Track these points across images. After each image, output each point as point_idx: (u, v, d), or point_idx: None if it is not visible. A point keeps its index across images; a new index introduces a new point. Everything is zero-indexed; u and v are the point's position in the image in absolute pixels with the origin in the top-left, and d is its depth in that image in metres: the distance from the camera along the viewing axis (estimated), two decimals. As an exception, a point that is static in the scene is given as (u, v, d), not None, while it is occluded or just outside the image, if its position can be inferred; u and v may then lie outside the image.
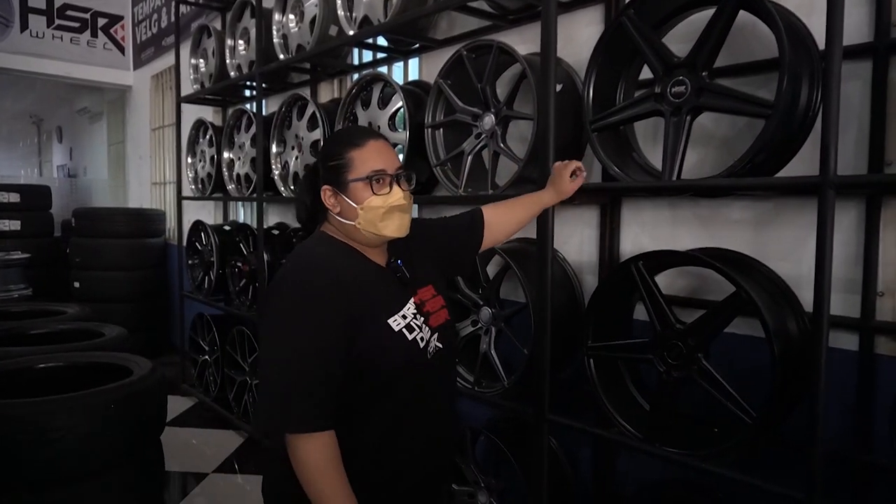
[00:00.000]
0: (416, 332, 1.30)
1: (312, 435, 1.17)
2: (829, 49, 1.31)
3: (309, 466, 1.17)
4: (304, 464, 1.17)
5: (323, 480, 1.17)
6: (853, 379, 1.67)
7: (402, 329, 1.27)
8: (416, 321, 1.31)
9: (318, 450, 1.18)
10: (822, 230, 1.35)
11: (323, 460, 1.18)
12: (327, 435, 1.19)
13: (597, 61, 1.83)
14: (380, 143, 1.33)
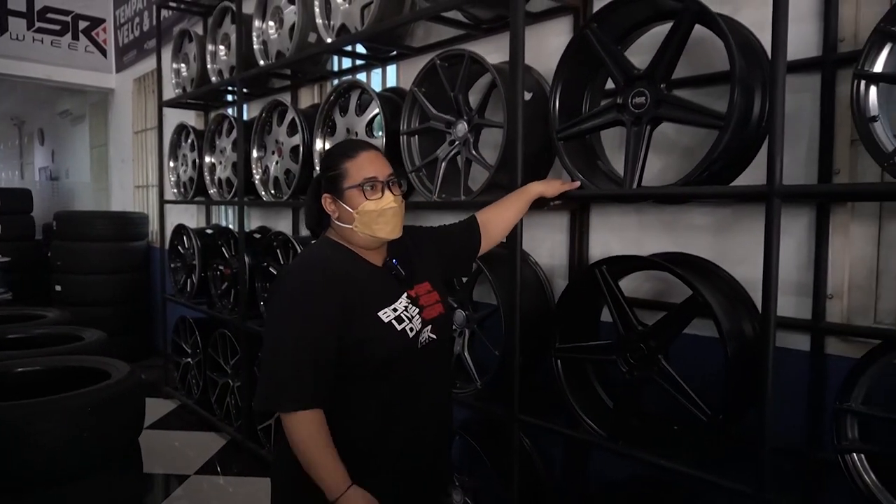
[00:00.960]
0: (406, 324, 1.42)
1: (302, 412, 1.31)
2: (774, 64, 1.38)
3: (299, 440, 1.32)
4: (296, 438, 1.32)
5: (312, 451, 1.32)
6: (805, 378, 1.74)
7: (391, 320, 1.40)
8: (406, 313, 1.44)
9: (306, 425, 1.32)
10: (768, 236, 1.42)
11: (311, 434, 1.32)
12: (315, 412, 1.33)
13: (562, 73, 1.89)
14: (371, 153, 1.47)
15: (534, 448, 2.36)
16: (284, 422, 1.33)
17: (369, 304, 1.40)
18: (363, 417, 1.40)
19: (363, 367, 1.39)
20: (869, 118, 1.37)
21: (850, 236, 1.70)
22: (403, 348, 1.41)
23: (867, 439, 1.43)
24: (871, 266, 1.70)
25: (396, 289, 1.47)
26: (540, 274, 2.33)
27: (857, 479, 1.39)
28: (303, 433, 1.32)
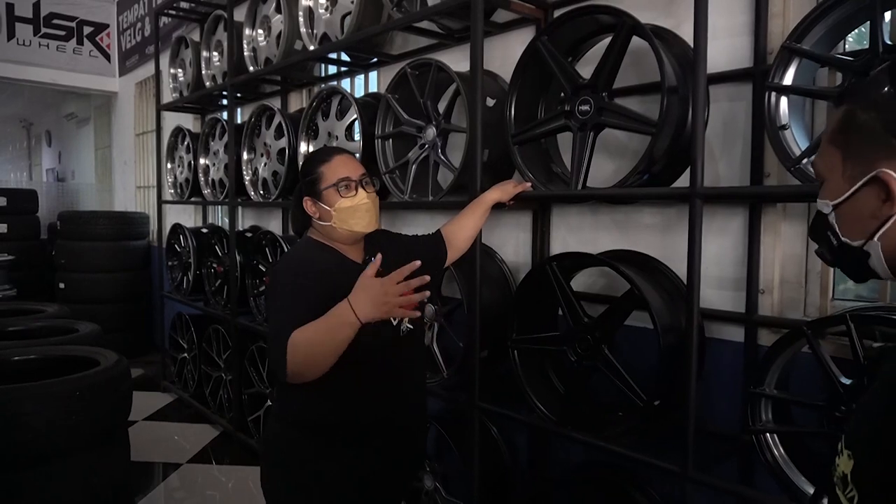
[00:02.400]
0: None
1: None
2: (694, 75, 1.51)
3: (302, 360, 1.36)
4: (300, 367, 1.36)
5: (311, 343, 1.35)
6: (740, 367, 1.86)
7: None
8: None
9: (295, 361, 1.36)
10: (692, 234, 1.55)
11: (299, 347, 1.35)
12: None
13: (517, 82, 2.02)
14: (344, 156, 1.63)
15: (500, 435, 2.49)
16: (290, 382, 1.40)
17: None
18: (347, 398, 1.53)
19: (350, 352, 1.47)
20: (780, 126, 1.50)
21: (780, 235, 1.82)
22: (387, 336, 1.56)
23: (780, 420, 1.55)
24: (800, 263, 1.82)
25: None
26: (505, 270, 2.46)
27: (767, 453, 1.52)
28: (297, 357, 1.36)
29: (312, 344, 1.36)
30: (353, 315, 1.34)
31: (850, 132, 0.70)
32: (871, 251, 0.71)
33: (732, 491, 1.60)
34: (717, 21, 1.86)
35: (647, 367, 1.79)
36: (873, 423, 0.63)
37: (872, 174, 0.68)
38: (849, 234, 0.73)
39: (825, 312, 1.77)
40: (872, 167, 0.68)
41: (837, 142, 0.72)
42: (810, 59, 1.46)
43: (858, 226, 0.72)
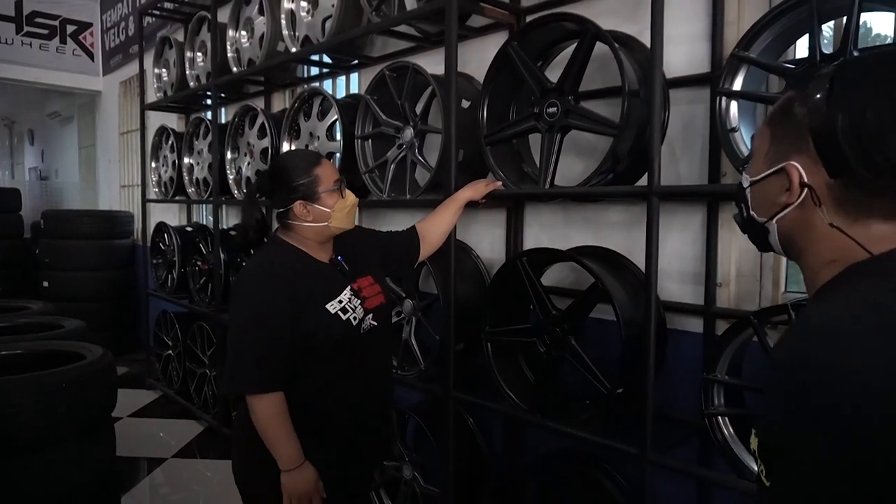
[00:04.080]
0: (350, 314, 1.64)
1: (262, 395, 1.53)
2: (650, 80, 1.60)
3: (264, 417, 1.54)
4: (260, 415, 1.54)
5: (272, 428, 1.54)
6: (699, 357, 1.97)
7: (337, 311, 1.62)
8: (350, 304, 1.66)
9: (268, 406, 1.53)
10: (649, 230, 1.64)
11: (272, 414, 1.54)
12: (277, 394, 1.54)
13: (489, 85, 2.11)
14: (326, 159, 1.71)
15: (476, 425, 2.58)
16: (250, 402, 1.55)
17: (318, 298, 1.60)
18: (317, 388, 1.62)
19: (315, 351, 1.61)
20: (730, 129, 1.60)
21: (736, 231, 1.91)
22: (348, 335, 1.63)
23: (733, 404, 1.65)
24: (755, 258, 1.93)
25: (341, 282, 1.68)
26: (480, 265, 2.55)
27: (718, 433, 1.62)
28: (267, 412, 1.53)
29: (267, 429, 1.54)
30: (286, 468, 1.55)
31: (781, 120, 0.76)
32: (770, 229, 0.79)
33: (687, 471, 1.70)
34: (677, 28, 1.96)
35: (613, 357, 1.88)
36: (764, 403, 0.69)
37: (781, 165, 0.75)
38: (756, 210, 0.80)
39: (777, 303, 1.87)
40: (787, 158, 0.75)
41: (771, 125, 0.78)
42: (756, 66, 1.56)
43: (764, 206, 0.78)
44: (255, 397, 1.54)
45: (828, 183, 0.72)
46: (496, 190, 2.03)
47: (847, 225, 0.72)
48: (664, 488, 2.02)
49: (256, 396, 1.54)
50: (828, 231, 0.73)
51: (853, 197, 0.71)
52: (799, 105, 0.74)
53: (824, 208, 0.72)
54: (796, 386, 0.62)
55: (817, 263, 0.75)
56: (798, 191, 0.74)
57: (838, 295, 0.69)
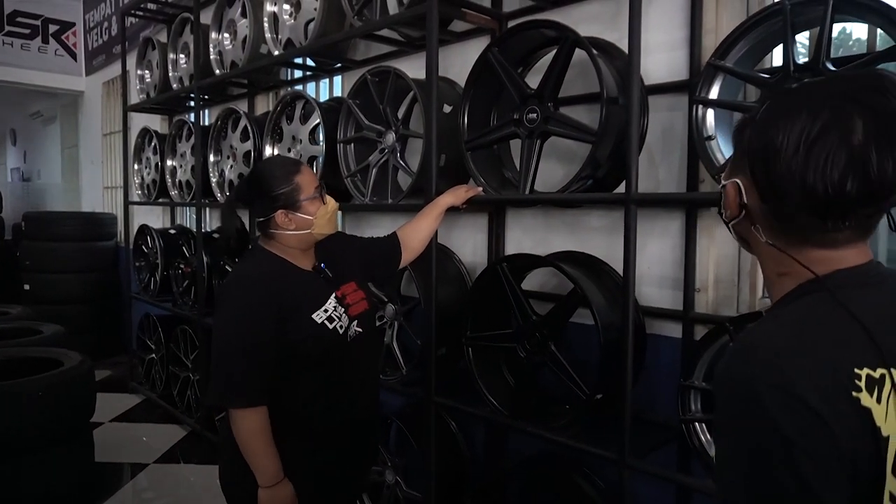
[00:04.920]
0: (336, 322, 1.64)
1: (246, 409, 1.52)
2: (628, 88, 1.61)
3: (246, 431, 1.53)
4: (242, 430, 1.53)
5: (253, 444, 1.53)
6: (678, 361, 1.98)
7: (323, 321, 1.62)
8: (336, 312, 1.66)
9: (251, 421, 1.53)
10: (627, 237, 1.65)
11: (254, 429, 1.53)
12: (259, 409, 1.53)
13: (470, 91, 2.11)
14: (306, 166, 1.69)
15: (458, 429, 2.58)
16: (233, 415, 1.54)
17: (304, 308, 1.60)
18: (303, 397, 1.62)
19: (302, 361, 1.60)
20: (706, 137, 1.61)
21: (714, 237, 1.94)
22: (335, 344, 1.64)
23: (709, 410, 1.67)
24: (732, 263, 1.94)
25: (325, 290, 1.68)
26: (463, 270, 2.55)
27: (695, 439, 1.63)
28: (249, 427, 1.53)
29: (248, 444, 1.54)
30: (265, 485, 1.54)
31: (737, 137, 0.80)
32: (731, 229, 0.85)
33: (664, 476, 1.71)
34: (657, 35, 1.98)
35: (593, 362, 1.89)
36: None
37: (727, 182, 0.80)
38: (724, 209, 0.84)
39: (754, 309, 1.89)
40: (736, 174, 0.79)
41: (734, 139, 0.82)
42: (731, 75, 1.58)
43: (727, 208, 0.83)
44: (239, 411, 1.53)
45: (761, 206, 0.76)
46: (476, 195, 2.04)
47: (785, 246, 0.76)
48: (644, 492, 2.03)
49: (240, 410, 1.53)
50: (768, 247, 0.77)
51: (783, 222, 0.75)
52: (749, 128, 0.77)
53: (759, 228, 0.77)
54: (719, 398, 0.71)
55: (771, 273, 0.80)
56: (737, 209, 0.79)
57: (773, 315, 0.76)
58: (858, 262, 0.74)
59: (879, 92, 0.67)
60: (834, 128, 0.67)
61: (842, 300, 0.69)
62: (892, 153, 0.66)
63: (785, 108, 0.71)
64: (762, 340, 0.70)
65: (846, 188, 0.67)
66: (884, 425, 0.65)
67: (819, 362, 0.66)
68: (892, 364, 0.67)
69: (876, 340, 0.67)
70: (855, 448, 0.63)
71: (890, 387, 0.66)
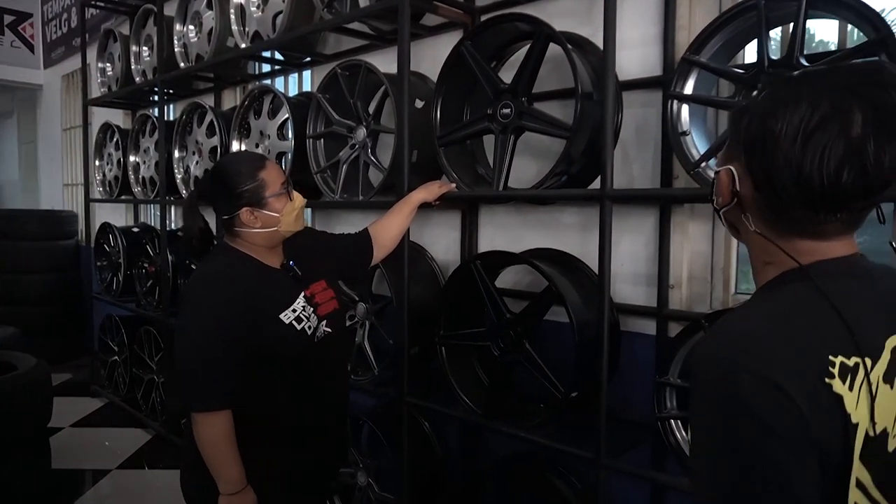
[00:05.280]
0: (305, 322, 1.59)
1: (210, 413, 1.46)
2: (603, 84, 1.59)
3: (209, 436, 1.47)
4: (205, 434, 1.47)
5: (216, 450, 1.47)
6: (652, 358, 1.97)
7: (291, 321, 1.56)
8: (304, 313, 1.60)
9: (213, 425, 1.47)
10: (602, 233, 1.63)
11: (217, 434, 1.47)
12: (223, 414, 1.47)
13: (443, 85, 2.07)
14: (271, 161, 1.62)
15: (432, 430, 2.55)
16: (195, 419, 1.48)
17: (272, 308, 1.55)
18: (269, 400, 1.57)
19: (269, 362, 1.55)
20: (681, 132, 1.60)
21: (688, 234, 1.93)
22: (303, 345, 1.58)
23: (685, 407, 1.66)
24: (706, 260, 1.95)
25: (294, 289, 1.62)
26: (435, 268, 2.51)
27: (671, 437, 1.62)
28: (212, 431, 1.47)
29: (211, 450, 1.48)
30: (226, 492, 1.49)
31: (733, 124, 0.79)
32: (721, 216, 0.84)
33: (640, 475, 1.70)
34: (630, 31, 1.96)
35: (568, 360, 1.87)
36: None
37: (722, 168, 0.79)
38: (716, 196, 0.83)
39: (727, 305, 1.89)
40: (730, 161, 0.78)
41: (729, 125, 0.82)
42: (706, 70, 1.57)
43: (718, 196, 0.82)
44: (202, 415, 1.47)
45: (754, 195, 0.75)
46: (449, 192, 2.00)
47: (773, 236, 0.76)
48: (619, 490, 2.02)
49: (203, 414, 1.47)
50: (756, 236, 0.77)
51: (775, 212, 0.74)
52: (746, 117, 0.76)
53: (749, 216, 0.77)
54: (694, 380, 0.72)
55: (757, 262, 0.80)
56: (728, 197, 0.78)
57: (754, 301, 0.77)
58: (844, 253, 0.75)
59: (880, 86, 0.67)
60: (833, 119, 0.67)
61: (823, 289, 0.70)
62: (889, 147, 0.67)
63: (784, 97, 0.70)
64: (740, 324, 0.72)
65: (842, 180, 0.67)
66: (854, 412, 0.66)
67: (794, 348, 0.67)
68: (867, 354, 0.68)
69: (852, 329, 0.68)
70: (824, 433, 0.65)
71: (863, 376, 0.67)
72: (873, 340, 0.70)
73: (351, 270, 1.96)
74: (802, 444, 0.64)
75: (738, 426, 0.66)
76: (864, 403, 0.67)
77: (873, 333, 0.70)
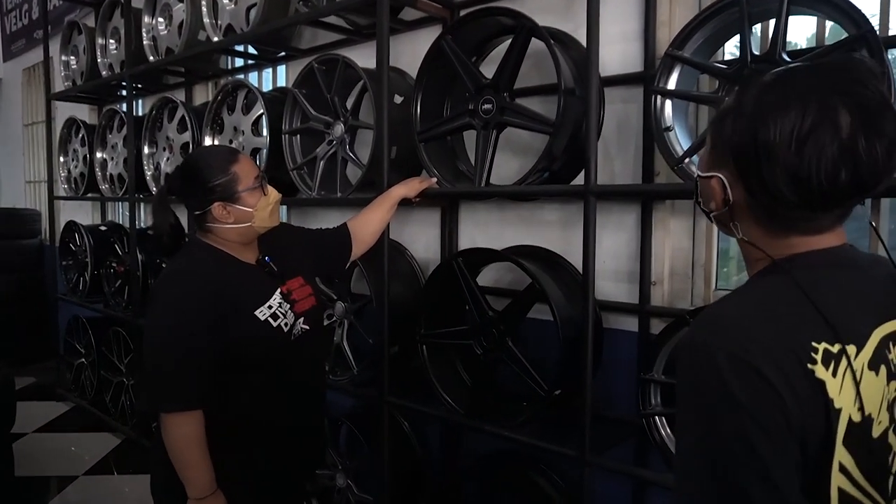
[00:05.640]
0: (281, 319, 1.54)
1: (180, 414, 1.41)
2: (587, 79, 1.58)
3: (178, 438, 1.42)
4: (174, 436, 1.42)
5: (190, 450, 1.42)
6: (634, 355, 1.97)
7: (267, 318, 1.51)
8: (280, 309, 1.55)
9: (183, 426, 1.42)
10: (586, 230, 1.62)
11: (187, 435, 1.42)
12: (193, 414, 1.42)
13: (422, 80, 2.04)
14: (244, 154, 1.58)
15: (412, 429, 2.51)
16: (164, 421, 1.43)
17: (246, 304, 1.50)
18: (243, 400, 1.51)
19: (243, 361, 1.50)
20: (664, 128, 1.59)
21: (669, 230, 1.93)
22: (278, 343, 1.53)
23: (669, 403, 1.66)
24: (687, 256, 1.95)
25: (270, 285, 1.57)
26: (415, 266, 2.48)
27: (656, 433, 1.62)
28: (182, 433, 1.42)
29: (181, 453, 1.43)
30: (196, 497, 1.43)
31: (717, 128, 0.78)
32: (712, 218, 0.84)
33: (626, 472, 1.69)
34: (611, 27, 1.95)
35: (552, 358, 1.86)
36: None
37: (713, 174, 0.78)
38: (706, 202, 0.83)
39: (709, 301, 1.90)
40: (718, 167, 0.78)
41: (711, 129, 0.80)
42: (690, 65, 1.57)
43: (705, 200, 0.83)
44: (171, 416, 1.42)
45: (746, 200, 0.76)
46: (431, 188, 1.97)
47: (766, 235, 0.77)
48: (602, 488, 2.01)
49: (172, 415, 1.42)
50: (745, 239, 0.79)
51: (769, 214, 0.75)
52: (729, 119, 0.75)
53: (738, 225, 0.79)
54: (679, 365, 0.73)
55: (750, 258, 0.82)
56: (721, 205, 0.78)
57: (740, 290, 0.78)
58: (834, 244, 0.76)
59: (860, 83, 0.68)
60: (823, 123, 0.67)
61: (805, 280, 0.71)
62: (879, 142, 0.68)
63: (771, 102, 0.70)
64: (725, 312, 0.73)
65: (839, 180, 0.68)
66: (837, 398, 0.67)
67: (776, 333, 0.68)
68: (851, 341, 0.69)
69: (827, 318, 0.69)
70: (805, 417, 0.66)
71: (846, 362, 0.68)
72: (856, 328, 0.71)
73: (329, 266, 1.92)
74: (780, 427, 0.65)
75: (717, 408, 0.67)
76: (849, 389, 0.68)
77: (857, 321, 0.72)
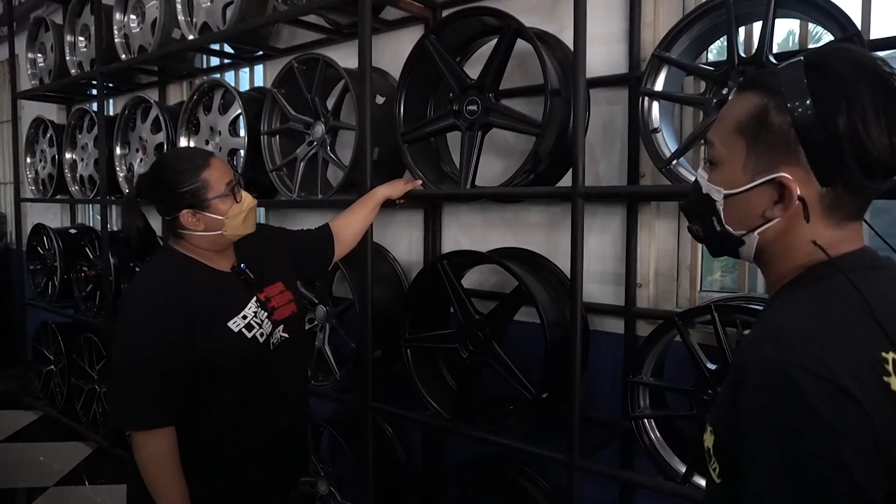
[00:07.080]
0: (257, 329, 1.47)
1: (151, 431, 1.35)
2: (574, 80, 1.56)
3: (150, 456, 1.36)
4: (146, 454, 1.36)
5: (157, 471, 1.36)
6: (621, 357, 1.97)
7: (241, 329, 1.45)
8: (256, 319, 1.48)
9: (158, 443, 1.36)
10: (574, 231, 1.60)
11: (158, 454, 1.36)
12: (164, 431, 1.36)
13: (406, 81, 2.01)
14: (218, 159, 1.49)
15: (395, 434, 2.48)
16: (135, 438, 1.36)
17: (218, 315, 1.44)
18: (219, 413, 1.45)
19: (217, 373, 1.43)
20: (652, 129, 1.59)
21: (654, 232, 1.93)
22: (255, 353, 1.47)
23: (656, 406, 1.65)
24: (672, 257, 1.95)
25: (245, 294, 1.51)
26: (398, 269, 2.45)
27: (645, 437, 1.61)
28: (153, 451, 1.36)
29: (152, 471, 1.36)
30: None
31: (761, 128, 0.72)
32: (748, 241, 0.77)
33: (616, 476, 1.68)
34: (596, 28, 1.94)
35: (538, 361, 1.84)
36: (724, 401, 0.71)
37: (775, 176, 0.71)
38: (732, 224, 0.77)
39: (694, 303, 1.90)
40: (775, 169, 0.72)
41: (746, 133, 0.73)
42: (677, 67, 1.56)
43: (746, 219, 0.76)
44: (141, 434, 1.35)
45: (819, 193, 0.71)
46: (415, 189, 1.94)
47: (828, 228, 0.72)
48: (587, 490, 2.01)
49: (142, 433, 1.35)
50: (806, 244, 0.73)
51: (840, 202, 0.71)
52: (777, 113, 0.70)
53: (811, 224, 0.72)
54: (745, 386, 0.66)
55: (788, 270, 0.75)
56: (793, 205, 0.72)
57: (790, 299, 0.72)
58: (858, 244, 0.74)
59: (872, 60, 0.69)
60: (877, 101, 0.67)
61: (857, 285, 0.68)
62: None
63: (827, 96, 0.68)
64: (788, 325, 0.67)
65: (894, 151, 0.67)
66: None
67: (848, 347, 0.64)
68: None
69: (884, 326, 0.65)
70: (888, 434, 0.62)
71: None
72: None
73: (311, 269, 1.86)
74: (871, 448, 0.61)
75: (804, 434, 0.61)
76: None
77: None
